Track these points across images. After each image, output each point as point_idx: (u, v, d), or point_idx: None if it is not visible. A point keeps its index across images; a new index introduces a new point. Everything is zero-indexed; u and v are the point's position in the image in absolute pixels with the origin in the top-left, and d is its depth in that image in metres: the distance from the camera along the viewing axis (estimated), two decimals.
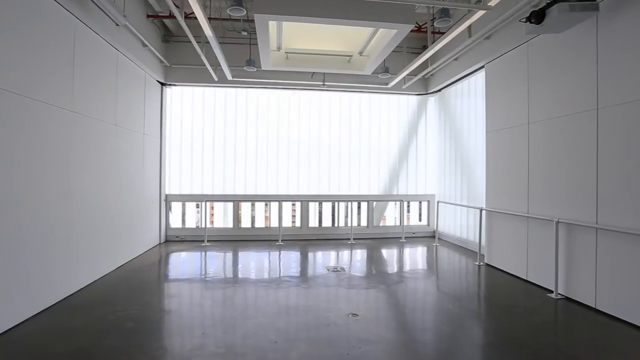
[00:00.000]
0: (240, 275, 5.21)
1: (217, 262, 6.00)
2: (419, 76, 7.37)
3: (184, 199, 7.65)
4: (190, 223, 7.95)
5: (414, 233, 8.40)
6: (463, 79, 7.03)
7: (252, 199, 7.85)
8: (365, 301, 4.16)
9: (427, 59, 6.05)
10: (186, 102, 7.62)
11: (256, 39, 7.03)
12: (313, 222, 8.30)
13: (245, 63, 6.25)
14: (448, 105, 7.81)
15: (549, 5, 3.52)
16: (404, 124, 8.44)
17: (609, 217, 3.68)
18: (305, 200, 7.99)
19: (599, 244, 3.79)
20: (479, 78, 6.55)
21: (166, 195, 7.49)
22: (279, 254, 6.55)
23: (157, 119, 7.08)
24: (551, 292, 4.34)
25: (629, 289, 3.48)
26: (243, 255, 6.45)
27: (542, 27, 3.68)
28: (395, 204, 8.60)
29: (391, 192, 8.44)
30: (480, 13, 4.12)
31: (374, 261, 6.18)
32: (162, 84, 7.28)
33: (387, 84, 7.53)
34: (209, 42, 5.33)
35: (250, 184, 7.86)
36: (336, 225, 8.35)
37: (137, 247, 6.11)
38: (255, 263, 5.99)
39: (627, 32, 3.51)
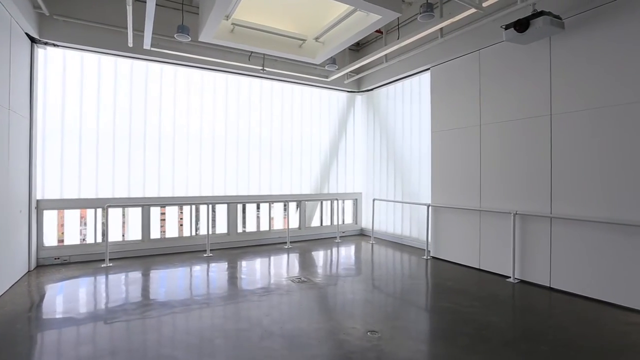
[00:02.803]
0: (188, 300, 3.96)
1: (140, 287, 4.46)
2: (365, 73, 7.27)
3: (67, 205, 5.51)
4: (73, 238, 5.78)
5: (343, 232, 8.32)
6: (398, 81, 7.30)
7: (168, 203, 6.29)
8: (367, 313, 3.70)
9: (383, 56, 5.99)
10: (72, 71, 5.51)
11: (189, 2, 5.72)
12: (240, 227, 7.25)
13: (177, 30, 4.85)
14: (378, 105, 8.01)
15: (533, 16, 3.82)
16: (334, 121, 8.28)
17: (562, 208, 4.26)
18: (233, 202, 6.89)
19: (553, 231, 4.37)
20: (415, 81, 6.91)
21: (38, 201, 5.24)
22: (213, 267, 5.39)
23: (25, 90, 4.86)
24: (508, 277, 4.81)
25: (580, 267, 4.10)
26: (171, 274, 5.03)
27: (522, 36, 3.99)
28: (322, 203, 8.34)
29: (322, 190, 8.16)
30: (463, 15, 4.21)
31: (329, 265, 5.75)
32: (34, 41, 5.05)
33: (327, 77, 7.19)
34: None
35: (166, 184, 6.28)
36: (268, 228, 7.51)
37: None
38: (195, 282, 4.73)
39: (577, 52, 4.13)
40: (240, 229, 7.13)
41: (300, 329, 3.24)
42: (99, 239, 5.75)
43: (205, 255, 6.14)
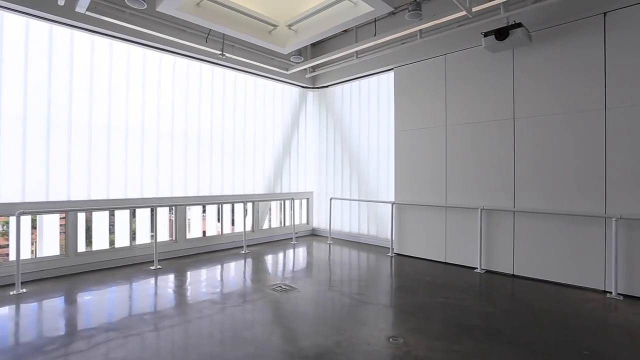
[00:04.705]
0: (161, 324, 3.20)
1: (87, 313, 3.46)
2: (327, 69, 7.03)
3: None
4: None
5: (296, 233, 8.00)
6: (354, 80, 7.30)
7: (102, 207, 5.10)
8: (374, 317, 3.51)
9: (353, 52, 5.87)
10: None
11: None
12: (189, 232, 6.35)
13: None
14: (332, 103, 7.91)
15: (512, 27, 4.16)
16: (286, 117, 7.89)
17: (523, 202, 4.76)
18: (182, 204, 5.98)
19: (516, 224, 4.85)
20: (374, 80, 7.01)
21: None
22: (169, 281, 4.57)
23: None
24: (475, 268, 5.18)
25: (538, 255, 4.63)
26: (118, 294, 4.06)
27: (499, 44, 4.32)
28: (272, 203, 7.88)
29: (275, 190, 7.70)
30: (450, 18, 4.35)
31: (301, 269, 5.39)
32: None
33: (287, 69, 6.77)
34: None
35: (98, 184, 5.09)
36: (220, 232, 6.74)
37: None
38: (153, 301, 3.88)
39: (536, 64, 4.65)
40: (189, 235, 6.22)
41: (320, 346, 2.88)
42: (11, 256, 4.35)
43: (152, 267, 5.17)
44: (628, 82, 4.01)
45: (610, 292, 4.07)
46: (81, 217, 5.05)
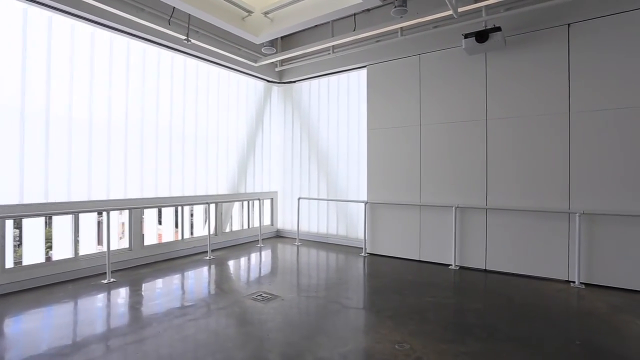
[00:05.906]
0: (131, 350, 2.70)
1: (32, 344, 2.79)
2: (298, 63, 6.72)
3: None
4: None
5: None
6: (323, 76, 7.11)
7: (38, 212, 4.25)
8: (372, 323, 3.35)
9: (327, 47, 5.66)
10: None
11: None
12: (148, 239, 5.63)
13: None
14: (299, 100, 7.64)
15: (491, 30, 4.29)
16: (250, 113, 7.45)
17: (495, 200, 4.98)
18: (137, 208, 5.27)
19: (489, 221, 5.05)
20: (343, 77, 6.89)
21: None
22: (129, 297, 3.97)
23: None
24: (449, 265, 5.31)
25: (509, 249, 4.88)
26: (62, 317, 3.39)
27: (478, 46, 4.44)
28: (234, 204, 7.40)
29: (239, 190, 7.22)
30: (435, 17, 4.36)
31: (277, 274, 5.06)
32: None
33: (255, 61, 6.34)
34: None
35: (33, 185, 4.25)
36: (181, 237, 6.09)
37: None
38: (115, 322, 3.30)
39: (507, 68, 4.88)
40: (147, 241, 5.51)
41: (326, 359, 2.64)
42: None
43: (105, 281, 4.45)
44: (589, 88, 4.37)
45: (574, 282, 4.41)
46: (9, 225, 4.16)
